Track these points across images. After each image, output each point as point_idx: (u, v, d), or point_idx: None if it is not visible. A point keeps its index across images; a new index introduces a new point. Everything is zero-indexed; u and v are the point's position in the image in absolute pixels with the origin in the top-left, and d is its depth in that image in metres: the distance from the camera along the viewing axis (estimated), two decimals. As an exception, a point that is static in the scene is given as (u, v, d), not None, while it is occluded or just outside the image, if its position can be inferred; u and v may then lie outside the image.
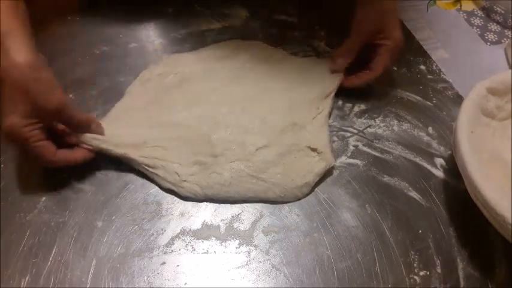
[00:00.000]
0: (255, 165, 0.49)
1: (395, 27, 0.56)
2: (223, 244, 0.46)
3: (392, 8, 0.57)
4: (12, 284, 0.42)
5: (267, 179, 0.49)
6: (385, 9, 0.56)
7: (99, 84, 0.58)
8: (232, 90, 0.56)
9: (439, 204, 0.51)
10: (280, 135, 0.52)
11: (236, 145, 0.50)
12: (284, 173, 0.49)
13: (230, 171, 0.49)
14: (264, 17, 0.69)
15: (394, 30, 0.56)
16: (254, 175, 0.49)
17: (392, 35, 0.56)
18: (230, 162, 0.49)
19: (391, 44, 0.56)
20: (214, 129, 0.51)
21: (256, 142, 0.50)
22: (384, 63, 0.57)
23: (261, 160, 0.50)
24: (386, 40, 0.56)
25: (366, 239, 0.47)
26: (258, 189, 0.49)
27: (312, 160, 0.51)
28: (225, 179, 0.48)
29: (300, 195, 0.50)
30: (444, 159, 0.55)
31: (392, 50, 0.56)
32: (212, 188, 0.48)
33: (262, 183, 0.49)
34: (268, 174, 0.49)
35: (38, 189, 0.49)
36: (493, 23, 0.74)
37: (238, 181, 0.48)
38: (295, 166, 0.50)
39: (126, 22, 0.66)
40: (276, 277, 0.45)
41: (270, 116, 0.53)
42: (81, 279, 0.43)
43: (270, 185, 0.49)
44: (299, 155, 0.51)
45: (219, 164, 0.49)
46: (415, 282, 0.45)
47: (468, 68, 0.66)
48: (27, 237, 0.45)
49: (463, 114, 0.49)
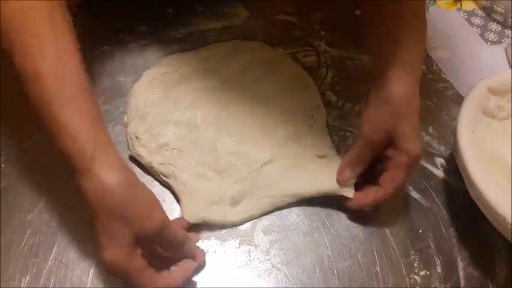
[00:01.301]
0: (261, 183, 0.48)
1: (411, 138, 0.44)
2: (224, 244, 0.46)
3: (412, 113, 0.44)
4: (13, 283, 0.43)
5: (277, 195, 0.48)
6: (403, 115, 0.44)
7: (99, 84, 0.58)
8: (232, 91, 0.56)
9: (439, 204, 0.51)
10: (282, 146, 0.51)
11: (240, 161, 0.49)
12: (295, 185, 0.49)
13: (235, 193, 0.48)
14: (264, 16, 0.69)
15: (410, 141, 0.44)
16: (261, 195, 0.48)
17: (407, 147, 0.44)
18: (233, 184, 0.48)
19: (405, 160, 0.44)
20: (218, 135, 0.51)
21: (260, 158, 0.50)
22: (397, 181, 0.45)
23: (268, 178, 0.49)
24: (399, 154, 0.44)
25: (366, 238, 0.47)
26: (264, 207, 0.48)
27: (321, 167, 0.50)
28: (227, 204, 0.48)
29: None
30: (444, 158, 0.55)
31: (406, 167, 0.44)
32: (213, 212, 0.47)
33: (270, 199, 0.48)
34: (276, 190, 0.48)
35: (39, 189, 0.49)
36: (493, 22, 0.74)
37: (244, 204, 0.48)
38: (305, 176, 0.49)
39: (126, 22, 0.66)
40: (276, 277, 0.45)
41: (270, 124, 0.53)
42: (81, 279, 0.43)
43: (281, 197, 0.48)
44: (308, 166, 0.50)
45: (224, 185, 0.48)
46: (415, 282, 0.45)
47: (468, 68, 0.66)
48: (27, 237, 0.45)
49: (464, 113, 0.49)
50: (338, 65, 0.63)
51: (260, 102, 0.55)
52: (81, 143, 0.35)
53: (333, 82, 0.61)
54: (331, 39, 0.66)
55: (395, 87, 0.44)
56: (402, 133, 0.44)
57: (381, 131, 0.45)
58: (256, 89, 0.57)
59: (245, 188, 0.48)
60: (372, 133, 0.45)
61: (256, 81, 0.58)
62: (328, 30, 0.67)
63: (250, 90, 0.56)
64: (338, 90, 0.58)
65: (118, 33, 0.65)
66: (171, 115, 0.53)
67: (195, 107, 0.53)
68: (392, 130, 0.44)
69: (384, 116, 0.45)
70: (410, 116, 0.44)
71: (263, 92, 0.56)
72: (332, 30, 0.67)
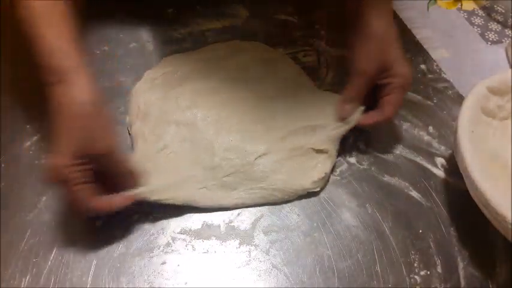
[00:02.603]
0: (253, 175, 0.49)
1: (400, 62, 0.50)
2: (224, 244, 0.46)
3: (393, 40, 0.51)
4: (13, 283, 0.43)
5: (267, 187, 0.49)
6: (386, 42, 0.50)
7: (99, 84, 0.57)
8: (233, 91, 0.56)
9: (439, 203, 0.51)
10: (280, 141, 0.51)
11: (236, 154, 0.50)
12: (286, 178, 0.49)
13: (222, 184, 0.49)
14: (264, 16, 0.69)
15: (400, 65, 0.50)
16: (251, 186, 0.49)
17: (398, 71, 0.50)
18: (224, 177, 0.49)
19: (399, 81, 0.50)
20: (218, 134, 0.51)
21: (256, 150, 0.50)
22: (394, 103, 0.51)
23: (260, 170, 0.49)
24: (393, 78, 0.50)
25: (367, 238, 0.47)
26: (256, 198, 0.49)
27: (316, 160, 0.51)
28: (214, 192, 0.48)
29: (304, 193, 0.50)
30: (445, 158, 0.55)
31: (400, 87, 0.50)
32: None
33: (261, 191, 0.49)
34: (267, 182, 0.49)
35: (39, 189, 0.49)
36: (493, 22, 0.74)
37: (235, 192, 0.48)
38: (298, 169, 0.50)
39: (126, 22, 0.66)
40: (276, 277, 0.45)
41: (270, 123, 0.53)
42: (81, 278, 0.43)
43: (271, 191, 0.49)
44: (302, 159, 0.51)
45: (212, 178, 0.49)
46: (415, 282, 0.45)
47: (469, 68, 0.66)
48: (27, 237, 0.45)
49: (464, 113, 0.49)
50: (338, 65, 0.63)
51: (260, 102, 0.55)
52: (59, 59, 0.42)
53: (333, 82, 0.61)
54: (331, 39, 0.66)
55: (373, 21, 0.50)
56: (393, 59, 0.50)
57: (373, 62, 0.50)
58: (256, 89, 0.57)
59: (236, 179, 0.48)
60: (366, 66, 0.50)
61: (256, 81, 0.58)
62: (328, 30, 0.68)
63: (250, 90, 0.56)
64: (338, 90, 0.58)
65: (118, 33, 0.65)
66: (173, 115, 0.53)
67: (196, 107, 0.53)
68: (383, 59, 0.50)
69: (371, 49, 0.50)
70: (393, 43, 0.50)
71: (263, 91, 0.56)
72: (332, 30, 0.67)
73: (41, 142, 0.52)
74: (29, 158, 0.51)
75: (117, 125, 0.54)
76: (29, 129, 0.53)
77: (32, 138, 0.52)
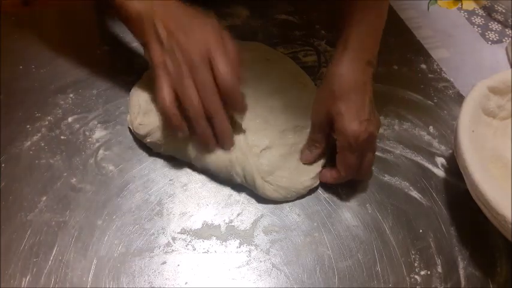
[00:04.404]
0: (261, 168, 0.49)
1: (348, 117, 0.43)
2: (224, 244, 0.46)
3: (344, 88, 0.44)
4: (13, 283, 0.43)
5: (273, 183, 0.48)
6: (336, 94, 0.44)
7: (100, 84, 0.58)
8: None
9: (439, 203, 0.51)
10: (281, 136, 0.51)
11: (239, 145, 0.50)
12: (289, 176, 0.49)
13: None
14: (264, 16, 0.69)
15: (345, 121, 0.43)
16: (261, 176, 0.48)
17: (342, 127, 0.43)
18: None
19: (342, 141, 0.44)
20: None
21: (259, 144, 0.50)
22: (346, 163, 0.45)
23: (266, 163, 0.49)
24: (338, 135, 0.45)
25: (367, 238, 0.47)
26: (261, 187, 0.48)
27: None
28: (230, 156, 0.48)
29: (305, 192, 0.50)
30: (445, 158, 0.55)
31: (343, 147, 0.45)
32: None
33: (268, 185, 0.48)
34: (272, 178, 0.49)
35: (39, 189, 0.49)
36: (494, 22, 0.74)
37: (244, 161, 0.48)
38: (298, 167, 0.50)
39: (127, 22, 0.66)
40: (276, 277, 0.45)
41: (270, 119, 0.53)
42: (81, 278, 0.43)
43: (276, 187, 0.49)
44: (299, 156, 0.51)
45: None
46: (415, 282, 0.45)
47: (469, 67, 0.66)
48: (28, 237, 0.45)
49: (464, 113, 0.49)
50: (338, 64, 0.63)
51: (260, 100, 0.55)
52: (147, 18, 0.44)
53: (333, 82, 0.61)
54: (332, 38, 0.66)
55: (333, 68, 0.46)
56: (337, 113, 0.44)
57: (320, 113, 0.46)
58: (256, 87, 0.56)
59: (247, 168, 0.48)
60: (315, 115, 0.47)
61: (256, 80, 0.57)
62: (328, 29, 0.68)
63: (250, 89, 0.56)
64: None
65: (119, 33, 0.65)
66: None
67: None
68: (329, 111, 0.45)
69: (322, 97, 0.46)
70: (343, 96, 0.44)
71: (263, 91, 0.56)
72: (332, 30, 0.67)
73: (41, 142, 0.52)
74: (29, 158, 0.51)
75: (117, 125, 0.55)
76: (29, 129, 0.53)
77: (32, 138, 0.52)
